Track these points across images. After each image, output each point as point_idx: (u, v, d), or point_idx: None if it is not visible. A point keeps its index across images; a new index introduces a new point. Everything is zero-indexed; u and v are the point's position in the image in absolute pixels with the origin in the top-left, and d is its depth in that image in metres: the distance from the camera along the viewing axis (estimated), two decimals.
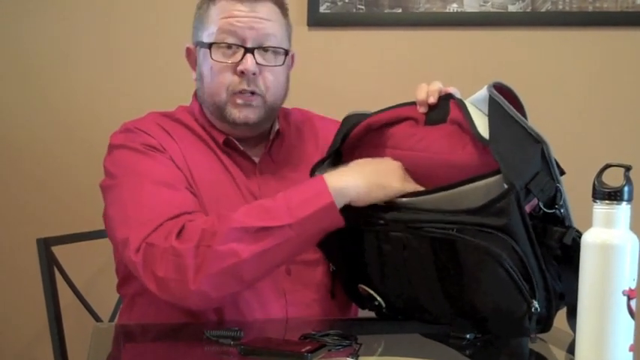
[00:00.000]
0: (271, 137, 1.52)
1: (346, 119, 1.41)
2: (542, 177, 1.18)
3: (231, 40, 1.42)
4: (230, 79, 1.42)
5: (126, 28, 2.09)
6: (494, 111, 1.22)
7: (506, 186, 1.17)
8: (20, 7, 2.08)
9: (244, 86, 1.42)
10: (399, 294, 1.33)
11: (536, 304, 1.18)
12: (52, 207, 2.10)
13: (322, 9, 2.06)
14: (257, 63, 1.42)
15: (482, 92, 1.26)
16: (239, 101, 1.43)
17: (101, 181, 1.46)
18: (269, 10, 1.44)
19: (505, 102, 1.22)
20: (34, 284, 1.75)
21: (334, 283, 1.45)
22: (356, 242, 1.33)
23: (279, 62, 1.45)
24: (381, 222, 1.28)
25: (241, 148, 1.49)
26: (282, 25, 1.47)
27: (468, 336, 1.23)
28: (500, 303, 1.20)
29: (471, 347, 1.23)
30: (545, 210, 1.19)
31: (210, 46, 1.42)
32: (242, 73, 1.41)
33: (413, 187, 1.29)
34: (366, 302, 1.40)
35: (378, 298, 1.36)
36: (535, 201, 1.20)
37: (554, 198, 1.20)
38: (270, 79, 1.44)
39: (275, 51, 1.45)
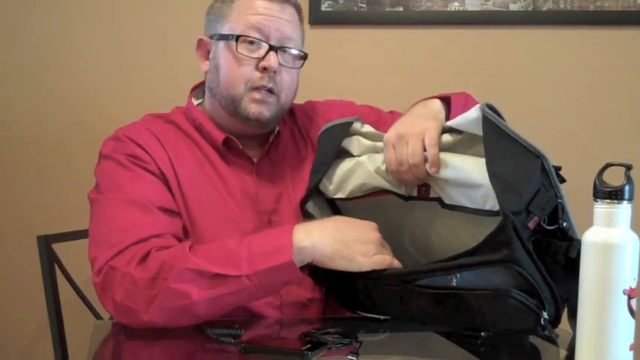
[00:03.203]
0: (271, 139, 1.52)
1: (328, 134, 1.41)
2: (542, 195, 1.15)
3: (257, 35, 1.42)
4: (250, 73, 1.42)
5: (131, 26, 2.09)
6: (489, 131, 1.19)
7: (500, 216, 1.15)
8: (25, 3, 2.07)
9: (264, 82, 1.42)
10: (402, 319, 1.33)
11: (545, 314, 1.18)
12: (53, 204, 2.10)
13: (324, 7, 2.06)
14: (278, 62, 1.43)
15: (472, 113, 1.22)
16: (256, 96, 1.43)
17: (89, 192, 1.45)
18: (292, 13, 1.46)
19: (499, 120, 1.19)
20: (35, 281, 1.75)
21: None
22: (347, 284, 1.31)
23: (297, 65, 1.47)
24: (373, 275, 1.27)
25: (240, 147, 1.48)
26: (300, 30, 1.49)
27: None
28: (511, 324, 1.20)
29: (471, 344, 1.23)
30: (547, 228, 1.16)
31: (237, 38, 1.42)
32: (264, 69, 1.42)
33: (379, 260, 1.27)
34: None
35: (381, 317, 1.34)
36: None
37: (555, 212, 1.17)
38: (287, 80, 1.45)
39: (294, 54, 1.46)
